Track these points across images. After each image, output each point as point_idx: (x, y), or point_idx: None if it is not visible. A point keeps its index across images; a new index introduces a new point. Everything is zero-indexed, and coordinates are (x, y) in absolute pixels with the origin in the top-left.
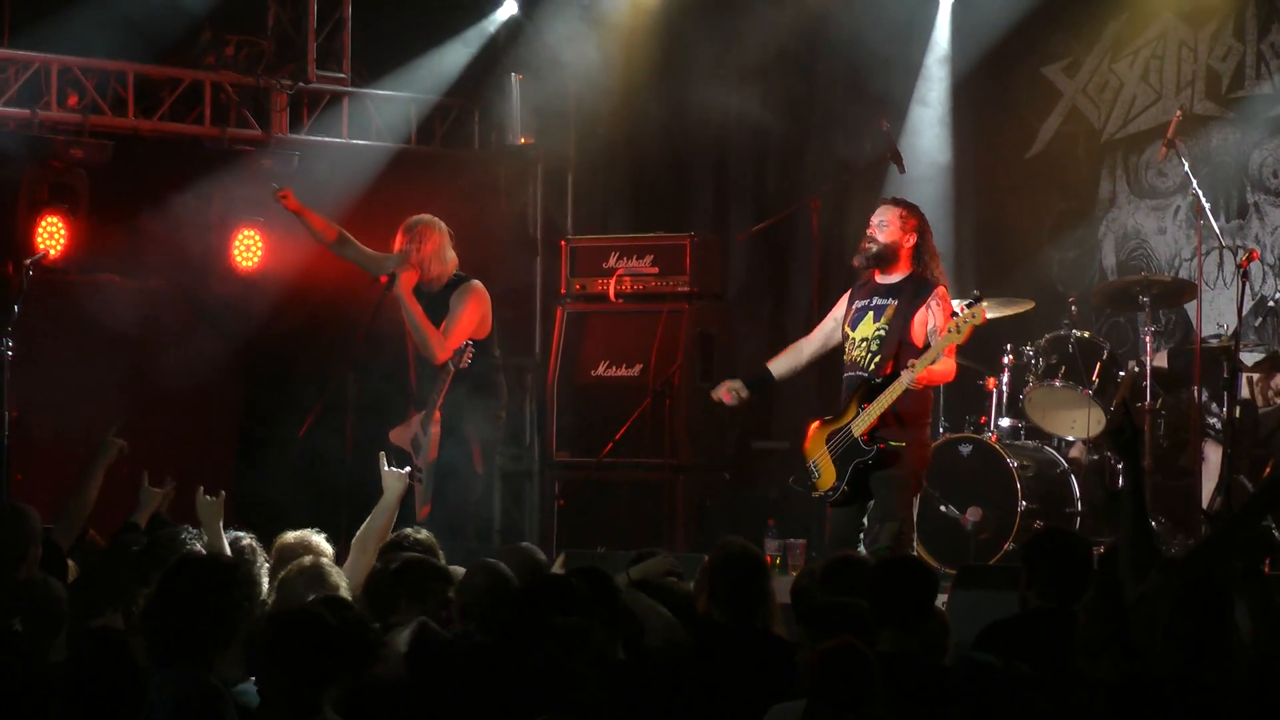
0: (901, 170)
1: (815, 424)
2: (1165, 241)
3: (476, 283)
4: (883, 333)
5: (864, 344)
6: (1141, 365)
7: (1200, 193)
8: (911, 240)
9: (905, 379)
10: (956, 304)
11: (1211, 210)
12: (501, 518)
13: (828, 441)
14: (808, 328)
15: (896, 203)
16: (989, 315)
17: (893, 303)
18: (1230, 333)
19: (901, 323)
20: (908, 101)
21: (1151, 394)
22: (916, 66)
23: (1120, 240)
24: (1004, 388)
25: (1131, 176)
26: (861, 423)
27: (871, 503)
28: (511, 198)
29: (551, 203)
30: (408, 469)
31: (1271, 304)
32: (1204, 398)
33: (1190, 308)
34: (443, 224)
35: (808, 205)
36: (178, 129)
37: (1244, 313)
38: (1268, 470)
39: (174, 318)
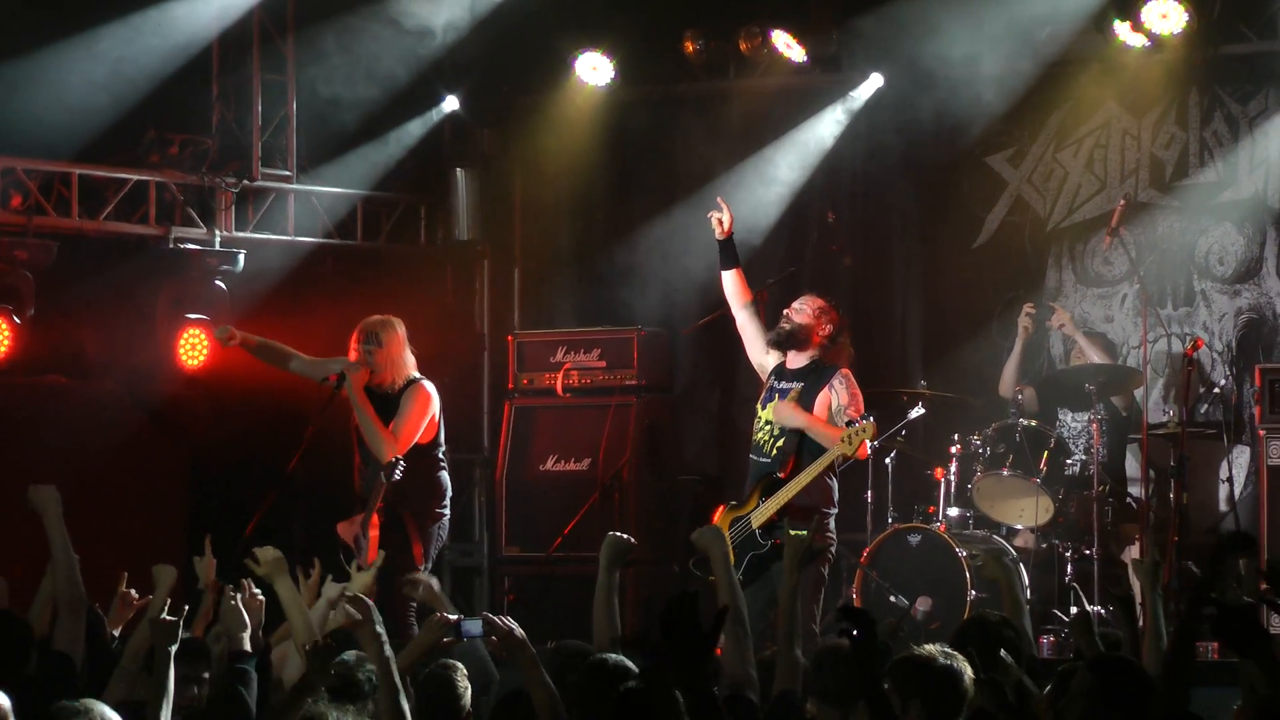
0: (849, 263)
1: (721, 508)
2: (1113, 329)
3: (426, 383)
4: (789, 416)
5: (767, 427)
6: (1090, 454)
7: (1145, 281)
8: (826, 330)
9: (803, 478)
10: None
11: (1159, 298)
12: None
13: (730, 528)
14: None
15: (820, 295)
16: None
17: (797, 386)
18: (1177, 420)
19: (805, 408)
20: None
21: (1098, 480)
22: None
23: None
24: (952, 478)
25: (1078, 265)
26: (759, 516)
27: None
28: (458, 293)
29: (498, 298)
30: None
31: (1217, 390)
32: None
33: (1138, 394)
34: (401, 325)
35: (755, 297)
36: (122, 229)
37: (1191, 400)
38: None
39: (121, 418)
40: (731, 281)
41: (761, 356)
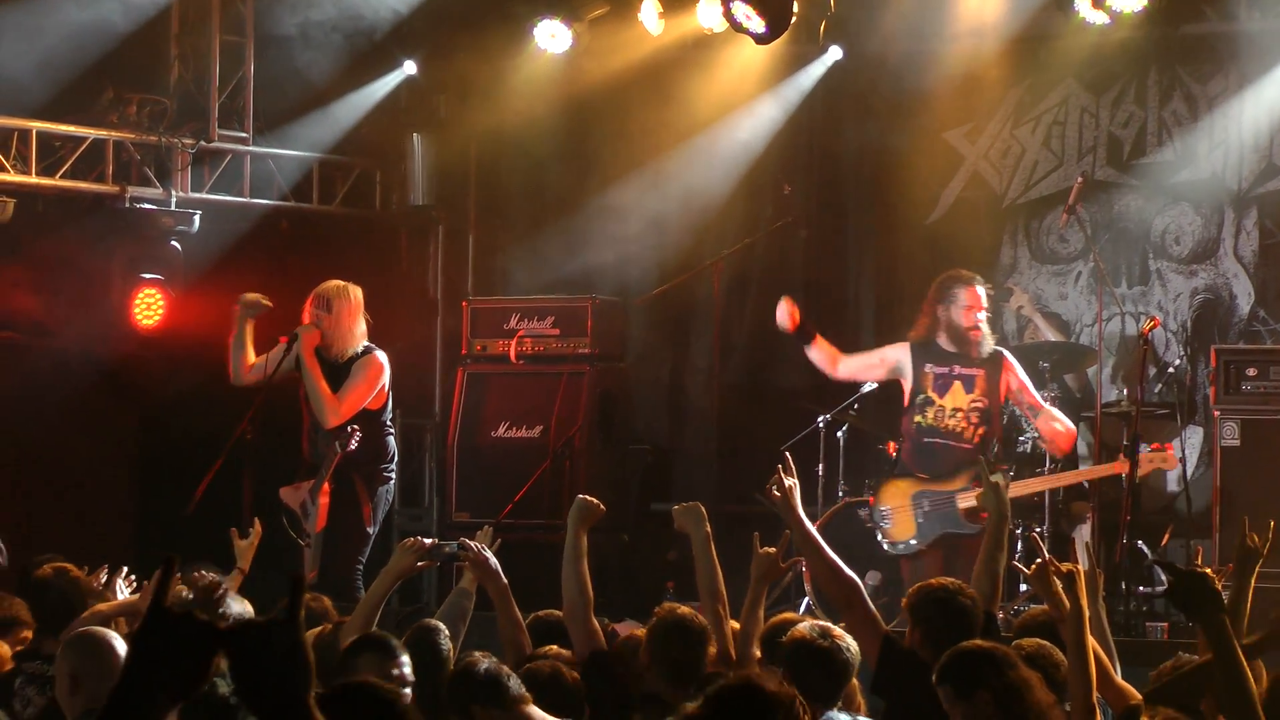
0: (804, 235)
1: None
2: (1067, 307)
3: (379, 354)
4: (981, 405)
5: (959, 414)
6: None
7: (1100, 259)
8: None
9: (1066, 478)
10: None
11: (1114, 276)
12: None
13: (913, 498)
14: (709, 389)
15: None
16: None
17: (979, 373)
18: (1130, 399)
19: (997, 394)
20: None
21: (1050, 458)
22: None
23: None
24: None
25: (1033, 242)
26: (967, 498)
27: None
28: (412, 258)
29: (452, 263)
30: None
31: (1171, 370)
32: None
33: (1091, 373)
34: (357, 292)
35: (709, 268)
36: (79, 187)
37: (1145, 379)
38: (1166, 537)
39: (74, 377)
40: (817, 354)
41: (894, 358)
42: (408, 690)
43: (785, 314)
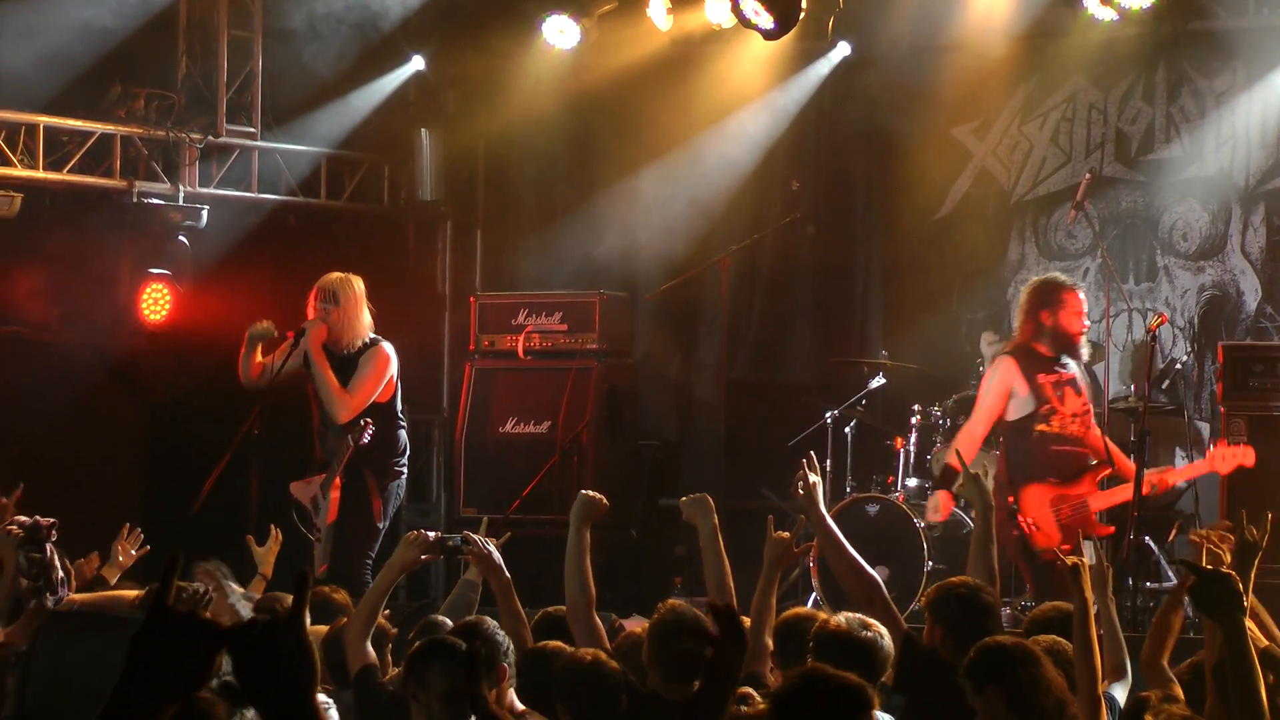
0: (812, 231)
1: (1044, 487)
2: None
3: (385, 345)
4: (1090, 407)
5: (1077, 419)
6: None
7: (1108, 255)
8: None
9: (1172, 477)
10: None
11: (1121, 272)
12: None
13: (1052, 503)
14: (716, 385)
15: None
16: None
17: (1078, 375)
18: (1137, 396)
19: (1091, 392)
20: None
21: None
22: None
23: None
24: (911, 448)
25: (1040, 238)
26: (1099, 501)
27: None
28: (420, 253)
29: (460, 259)
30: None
31: (1179, 366)
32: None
33: (1098, 369)
34: (359, 283)
35: (717, 264)
36: (86, 181)
37: (1152, 375)
38: (1173, 533)
39: (81, 372)
40: (970, 456)
41: (1008, 383)
42: None
43: (937, 509)
